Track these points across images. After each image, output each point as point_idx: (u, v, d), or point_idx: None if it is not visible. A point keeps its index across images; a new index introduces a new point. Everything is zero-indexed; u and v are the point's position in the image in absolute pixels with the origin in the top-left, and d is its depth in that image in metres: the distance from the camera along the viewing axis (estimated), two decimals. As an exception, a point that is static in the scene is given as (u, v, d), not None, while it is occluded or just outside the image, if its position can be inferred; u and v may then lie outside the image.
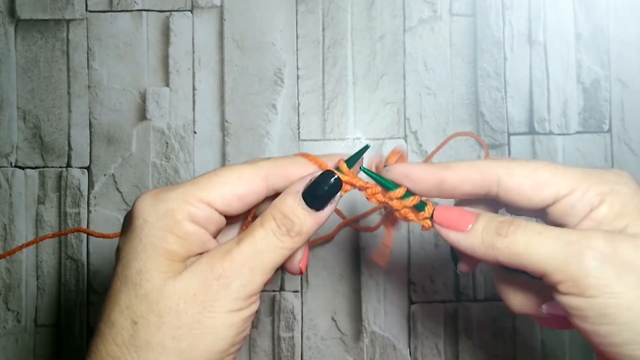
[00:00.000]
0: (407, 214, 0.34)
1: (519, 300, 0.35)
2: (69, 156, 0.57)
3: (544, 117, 0.56)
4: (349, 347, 0.56)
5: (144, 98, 0.57)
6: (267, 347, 0.56)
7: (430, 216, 0.34)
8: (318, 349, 0.56)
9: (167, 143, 0.56)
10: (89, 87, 0.57)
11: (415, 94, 0.57)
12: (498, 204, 0.35)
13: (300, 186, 0.32)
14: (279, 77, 0.57)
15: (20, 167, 0.56)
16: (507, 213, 0.36)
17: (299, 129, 0.57)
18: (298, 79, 0.57)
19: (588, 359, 0.55)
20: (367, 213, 0.56)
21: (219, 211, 0.32)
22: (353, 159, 0.34)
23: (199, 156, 0.56)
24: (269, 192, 0.33)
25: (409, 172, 0.34)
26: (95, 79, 0.57)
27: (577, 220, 0.31)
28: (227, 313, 0.30)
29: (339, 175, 0.33)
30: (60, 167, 0.56)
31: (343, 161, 0.34)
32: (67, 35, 0.57)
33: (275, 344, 0.56)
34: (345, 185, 0.34)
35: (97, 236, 0.56)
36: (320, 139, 0.57)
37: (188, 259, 0.31)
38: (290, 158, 0.34)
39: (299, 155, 0.34)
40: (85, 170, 0.56)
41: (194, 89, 0.57)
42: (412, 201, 0.34)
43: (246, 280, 0.31)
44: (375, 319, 0.56)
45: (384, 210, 0.37)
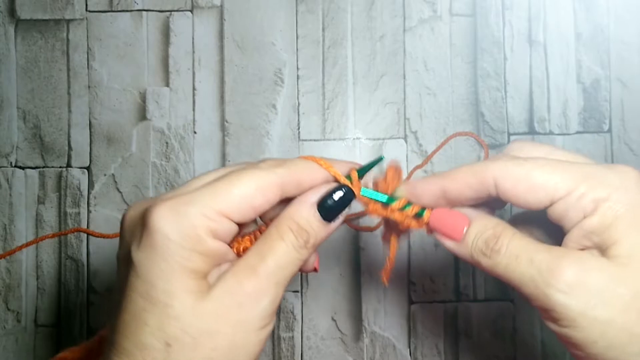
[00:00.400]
0: (410, 222, 0.34)
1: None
2: (69, 156, 0.57)
3: (544, 117, 0.56)
4: (349, 347, 0.56)
5: (144, 98, 0.57)
6: (267, 347, 0.56)
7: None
8: (318, 349, 0.56)
9: (167, 143, 0.56)
10: (89, 87, 0.57)
11: (415, 94, 0.57)
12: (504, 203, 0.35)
13: (315, 197, 0.32)
14: (279, 77, 0.57)
15: (20, 167, 0.56)
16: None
17: (299, 129, 0.57)
18: (298, 79, 0.57)
19: (588, 359, 0.55)
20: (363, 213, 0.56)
21: (234, 221, 0.31)
22: (365, 169, 0.34)
23: (199, 156, 0.56)
24: (281, 199, 0.33)
25: (413, 189, 0.34)
26: (95, 79, 0.57)
27: (570, 224, 0.30)
28: (258, 330, 0.31)
29: (352, 189, 0.33)
30: (60, 167, 0.56)
31: (355, 170, 0.34)
32: (67, 35, 0.57)
33: (275, 344, 0.56)
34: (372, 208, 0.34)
35: (97, 236, 0.56)
36: (320, 139, 0.57)
37: (209, 274, 0.31)
38: (302, 164, 0.33)
39: (310, 159, 0.34)
40: (85, 170, 0.56)
41: (194, 89, 0.57)
42: (413, 210, 0.34)
43: (274, 295, 0.31)
44: (375, 319, 0.56)
45: (383, 227, 0.37)
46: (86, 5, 0.57)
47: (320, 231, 0.32)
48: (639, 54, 0.57)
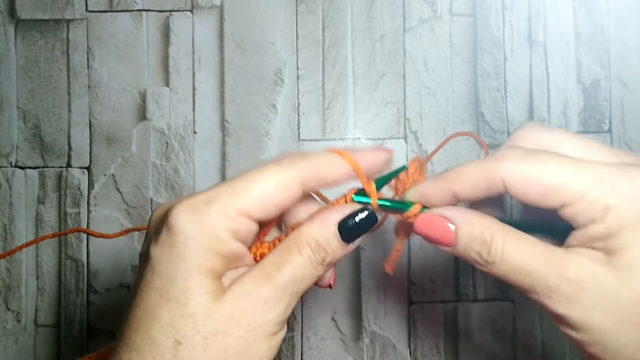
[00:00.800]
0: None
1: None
2: (69, 156, 0.57)
3: (544, 117, 0.56)
4: (349, 347, 0.56)
5: (144, 98, 0.57)
6: (267, 347, 0.56)
7: None
8: (318, 349, 0.56)
9: (167, 143, 0.56)
10: (89, 87, 0.57)
11: (415, 94, 0.57)
12: None
13: (337, 218, 0.32)
14: (279, 77, 0.57)
15: (20, 167, 0.56)
16: None
17: (299, 129, 0.57)
18: (298, 79, 0.57)
19: (588, 359, 0.56)
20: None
21: (255, 219, 0.31)
22: (386, 178, 0.34)
23: (199, 156, 0.56)
24: (303, 195, 0.33)
25: (423, 192, 0.34)
26: (95, 79, 0.57)
27: (577, 226, 0.30)
28: (269, 336, 0.31)
29: (374, 211, 0.33)
30: (60, 167, 0.56)
31: (373, 182, 0.34)
32: (67, 35, 0.57)
33: (275, 344, 0.56)
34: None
35: (97, 236, 0.56)
36: (320, 139, 0.57)
37: (224, 275, 0.31)
38: (325, 158, 0.33)
39: (336, 152, 0.33)
40: (85, 170, 0.56)
41: (194, 89, 0.57)
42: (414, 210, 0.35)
43: (287, 304, 0.31)
44: (375, 319, 0.56)
45: (397, 219, 0.37)
46: (86, 5, 0.57)
47: (338, 251, 0.33)
48: (639, 54, 0.57)
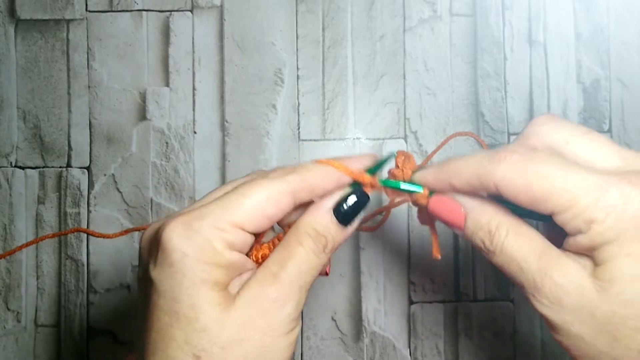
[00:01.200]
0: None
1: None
2: (69, 156, 0.57)
3: (544, 117, 0.56)
4: (349, 347, 0.56)
5: (144, 98, 0.57)
6: (267, 347, 0.56)
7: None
8: (318, 349, 0.56)
9: (167, 143, 0.56)
10: (89, 87, 0.57)
11: (415, 94, 0.57)
12: None
13: (331, 203, 0.33)
14: (279, 77, 0.57)
15: (20, 167, 0.56)
16: None
17: (299, 129, 0.57)
18: (298, 79, 0.57)
19: (588, 359, 0.55)
20: (370, 216, 0.56)
21: (249, 232, 0.32)
22: (377, 167, 0.35)
23: (199, 156, 0.56)
24: (295, 206, 0.33)
25: (424, 179, 0.35)
26: (95, 79, 0.57)
27: (569, 235, 0.30)
28: (285, 335, 0.31)
29: (365, 191, 0.34)
30: (60, 167, 0.56)
31: (364, 171, 0.34)
32: (67, 35, 0.57)
33: (275, 344, 0.56)
34: (368, 188, 0.35)
35: (97, 236, 0.56)
36: (320, 139, 0.57)
37: (229, 285, 0.31)
38: (314, 169, 0.33)
39: (324, 162, 0.34)
40: (85, 170, 0.56)
41: (194, 89, 0.57)
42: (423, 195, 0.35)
43: (298, 299, 0.32)
44: (375, 319, 0.56)
45: (417, 208, 0.37)
46: (86, 5, 0.57)
47: (338, 235, 0.33)
48: (639, 54, 0.57)
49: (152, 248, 0.31)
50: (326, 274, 0.37)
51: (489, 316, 0.56)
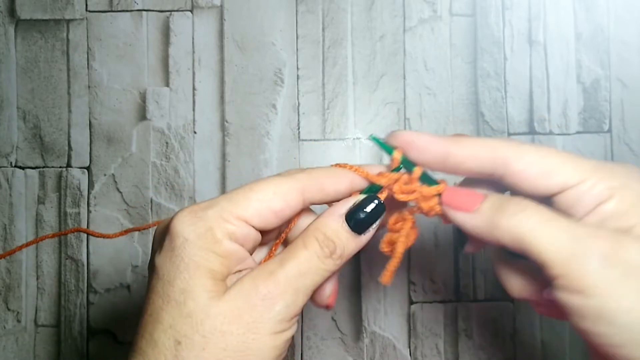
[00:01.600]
0: (422, 195, 0.34)
1: (518, 285, 0.34)
2: (69, 156, 0.57)
3: (544, 117, 0.56)
4: (349, 347, 0.56)
5: (144, 98, 0.57)
6: (267, 347, 0.56)
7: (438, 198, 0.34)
8: (318, 349, 0.56)
9: (167, 143, 0.56)
10: (89, 87, 0.57)
11: (415, 94, 0.57)
12: (502, 188, 0.34)
13: (344, 209, 0.32)
14: (279, 77, 0.57)
15: (20, 167, 0.56)
16: None
17: (299, 129, 0.57)
18: (298, 79, 0.57)
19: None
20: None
21: (255, 227, 0.31)
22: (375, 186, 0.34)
23: (199, 156, 0.56)
24: (305, 205, 0.33)
25: (415, 140, 0.33)
26: (95, 79, 0.57)
27: (583, 213, 0.30)
28: (271, 335, 0.30)
29: (382, 201, 0.33)
30: (60, 167, 0.56)
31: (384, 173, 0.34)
32: (67, 35, 0.57)
33: (275, 344, 0.56)
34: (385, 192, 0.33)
35: (97, 236, 0.56)
36: (320, 139, 0.57)
37: (227, 278, 0.31)
38: (326, 170, 0.33)
39: (336, 166, 0.34)
40: (85, 170, 0.56)
41: (194, 89, 0.57)
42: (417, 172, 0.33)
43: (290, 301, 0.31)
44: (375, 319, 0.56)
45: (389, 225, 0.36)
46: (86, 5, 0.57)
47: (349, 243, 0.32)
48: (639, 54, 0.57)
49: (163, 237, 0.32)
50: (327, 306, 0.35)
51: (489, 316, 0.56)
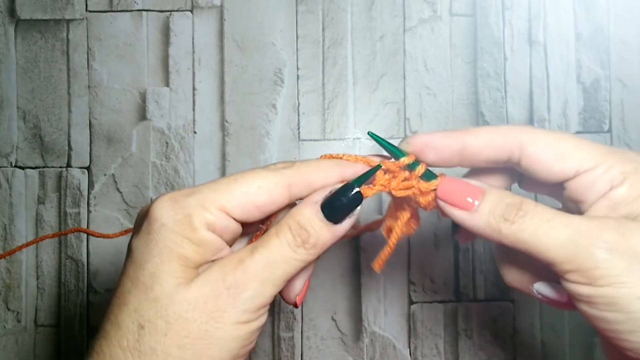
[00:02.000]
0: (419, 191, 0.33)
1: (514, 276, 0.34)
2: (69, 156, 0.57)
3: (544, 117, 0.56)
4: (349, 347, 0.56)
5: (144, 98, 0.57)
6: (267, 347, 0.56)
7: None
8: (318, 349, 0.56)
9: (167, 143, 0.56)
10: (89, 87, 0.57)
11: (415, 94, 0.57)
12: (515, 175, 0.34)
13: (319, 197, 0.32)
14: (279, 77, 0.57)
15: (20, 167, 0.56)
16: (522, 190, 0.36)
17: (299, 129, 0.57)
18: (298, 79, 0.57)
19: (588, 359, 0.55)
20: (370, 227, 0.56)
21: (236, 219, 0.31)
22: (362, 179, 0.33)
23: (199, 156, 0.56)
24: (291, 201, 0.32)
25: (430, 141, 0.33)
26: (95, 79, 0.57)
27: (596, 197, 0.30)
28: (235, 325, 0.30)
29: (360, 190, 0.32)
30: (60, 167, 0.56)
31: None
32: (67, 35, 0.57)
33: (275, 344, 0.56)
34: (368, 191, 0.33)
35: (97, 236, 0.56)
36: (320, 139, 0.57)
37: (201, 266, 0.31)
38: (313, 164, 0.33)
39: (327, 157, 0.33)
40: (85, 170, 0.56)
41: (194, 89, 0.57)
42: (420, 170, 0.33)
43: (257, 292, 0.30)
44: (375, 319, 0.56)
45: (386, 214, 0.36)
46: (86, 5, 0.57)
47: (323, 232, 0.31)
48: (639, 54, 0.57)
49: (142, 220, 0.31)
50: (295, 304, 0.34)
51: (489, 316, 0.56)
